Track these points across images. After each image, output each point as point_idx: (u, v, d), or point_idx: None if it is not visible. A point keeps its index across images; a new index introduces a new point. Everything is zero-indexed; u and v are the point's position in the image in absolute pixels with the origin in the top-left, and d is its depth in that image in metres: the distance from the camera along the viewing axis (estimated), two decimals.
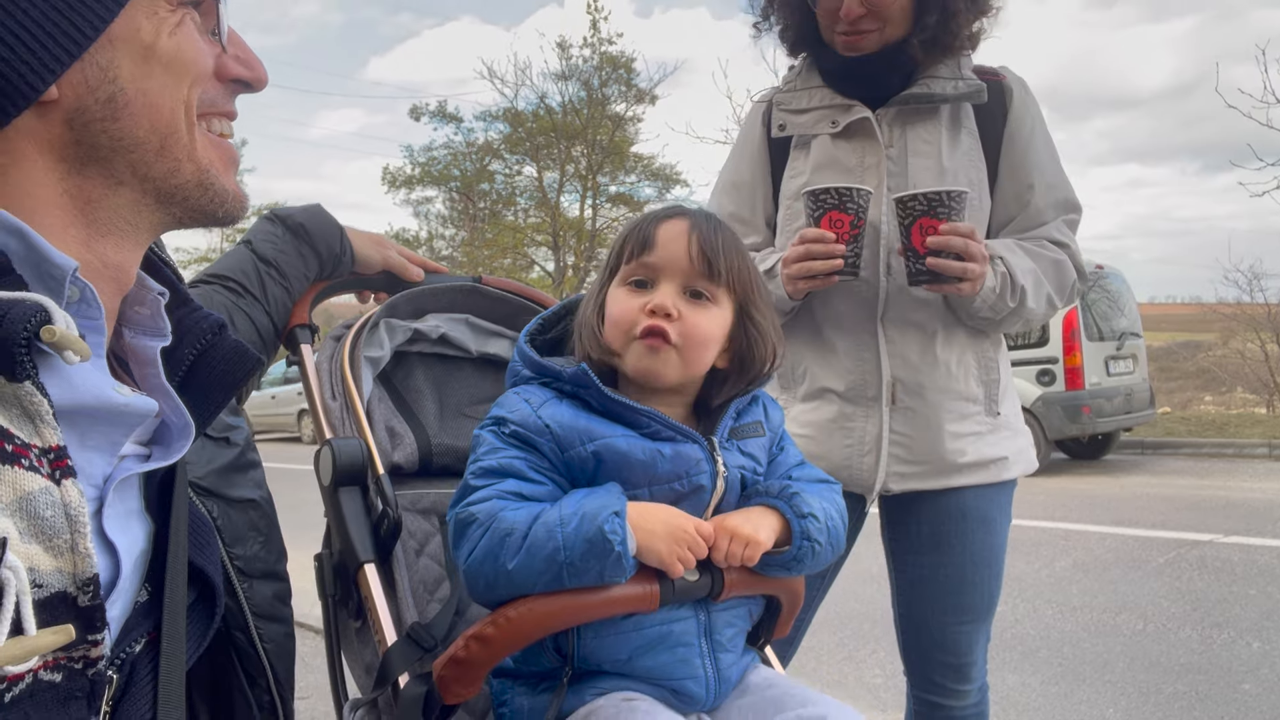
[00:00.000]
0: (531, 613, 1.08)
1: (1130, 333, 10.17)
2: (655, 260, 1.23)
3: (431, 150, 27.55)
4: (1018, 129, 1.93)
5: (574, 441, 1.17)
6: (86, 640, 0.74)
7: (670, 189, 27.20)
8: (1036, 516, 7.29)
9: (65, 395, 0.78)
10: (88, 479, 0.83)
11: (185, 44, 0.86)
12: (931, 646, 2.01)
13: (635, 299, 1.23)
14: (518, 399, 1.22)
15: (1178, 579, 5.36)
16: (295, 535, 1.44)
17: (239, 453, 1.19)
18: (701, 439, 1.21)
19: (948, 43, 1.87)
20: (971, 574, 1.96)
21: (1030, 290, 1.84)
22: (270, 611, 1.14)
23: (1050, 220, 1.94)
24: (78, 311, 0.82)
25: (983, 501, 1.96)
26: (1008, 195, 1.95)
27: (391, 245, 1.77)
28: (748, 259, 1.29)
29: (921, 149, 1.91)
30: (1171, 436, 11.77)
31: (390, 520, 1.32)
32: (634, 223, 1.30)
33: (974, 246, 1.72)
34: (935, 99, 1.89)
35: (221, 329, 1.00)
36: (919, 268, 1.76)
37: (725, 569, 1.18)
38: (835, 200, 1.77)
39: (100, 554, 0.83)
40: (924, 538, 1.99)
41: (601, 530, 1.07)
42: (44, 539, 0.71)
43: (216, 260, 1.61)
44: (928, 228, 1.73)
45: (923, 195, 1.73)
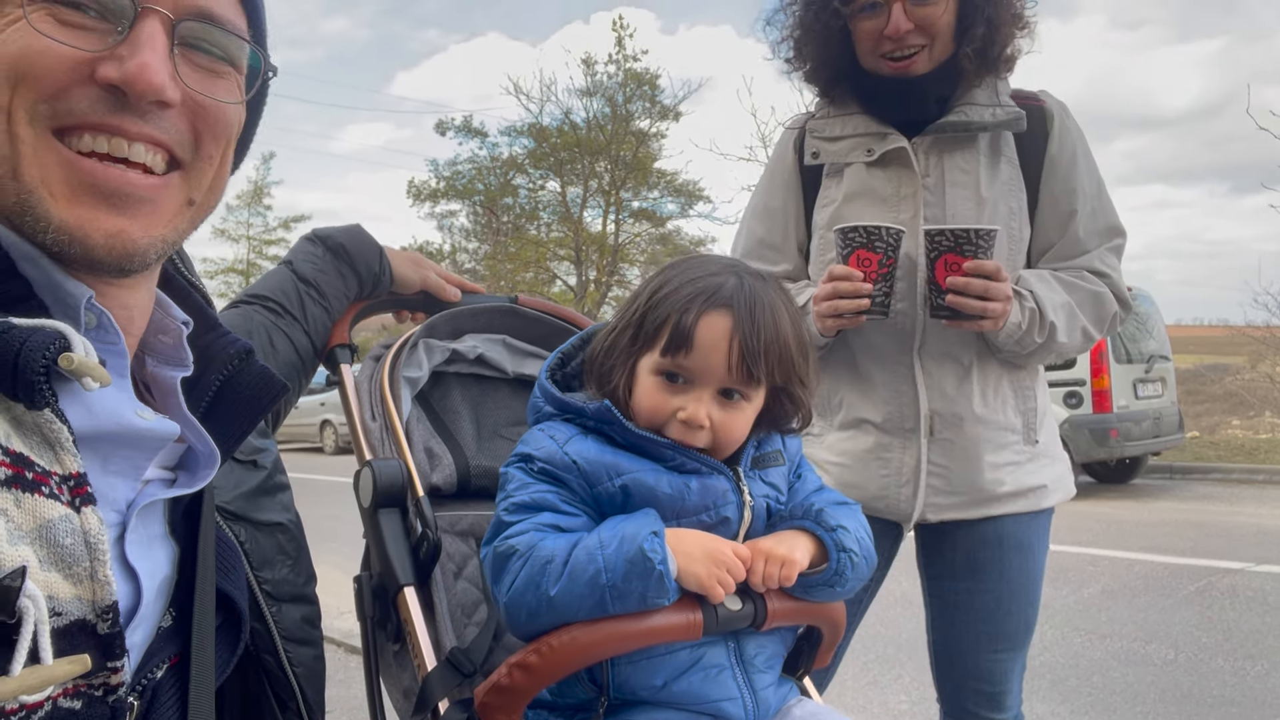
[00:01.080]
0: (575, 641, 1.07)
1: (1159, 355, 10.06)
2: (693, 365, 1.18)
3: (456, 164, 27.80)
4: (1059, 155, 1.91)
5: (601, 477, 1.17)
6: (106, 668, 0.74)
7: (693, 205, 27.26)
8: (1063, 541, 7.19)
9: (85, 422, 0.77)
10: (110, 504, 0.82)
11: (11, 43, 0.77)
12: (966, 674, 1.98)
13: (668, 397, 1.19)
14: (543, 436, 1.21)
15: (1209, 608, 5.27)
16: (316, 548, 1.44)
17: (266, 475, 1.18)
18: (727, 470, 1.21)
19: (995, 55, 1.85)
20: (1008, 601, 1.94)
21: (1063, 325, 1.82)
22: (299, 635, 1.14)
23: (1093, 248, 1.91)
24: (96, 337, 0.81)
25: (1021, 528, 1.94)
26: (1048, 222, 1.92)
27: (430, 265, 1.78)
28: (790, 344, 1.20)
29: (959, 179, 1.88)
30: (1200, 461, 11.61)
31: (430, 543, 1.32)
32: (673, 302, 1.19)
33: (995, 287, 1.70)
34: (973, 127, 1.87)
35: (248, 355, 0.99)
36: (939, 303, 1.77)
37: (766, 595, 1.17)
38: (863, 239, 1.75)
39: (121, 580, 0.82)
40: (960, 564, 1.97)
41: (642, 550, 1.06)
42: (63, 567, 0.70)
43: (257, 280, 1.62)
44: (952, 264, 1.72)
45: (950, 231, 1.72)
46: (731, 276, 1.20)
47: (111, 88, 0.79)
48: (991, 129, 1.88)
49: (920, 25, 1.80)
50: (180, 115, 0.84)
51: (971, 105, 1.88)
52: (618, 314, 1.28)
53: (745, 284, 1.20)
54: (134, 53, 0.79)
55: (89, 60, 0.78)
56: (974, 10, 1.82)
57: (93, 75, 0.78)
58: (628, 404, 1.23)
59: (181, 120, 0.85)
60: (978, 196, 1.87)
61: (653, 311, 1.20)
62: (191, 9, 0.85)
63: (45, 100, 0.77)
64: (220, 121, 0.89)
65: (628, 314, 1.25)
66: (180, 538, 0.94)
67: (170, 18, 0.83)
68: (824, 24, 1.86)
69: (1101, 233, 1.92)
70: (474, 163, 27.67)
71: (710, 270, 1.22)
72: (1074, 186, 1.91)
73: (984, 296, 1.71)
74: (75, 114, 0.78)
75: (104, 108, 0.79)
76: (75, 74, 0.78)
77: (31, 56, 0.76)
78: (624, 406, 1.22)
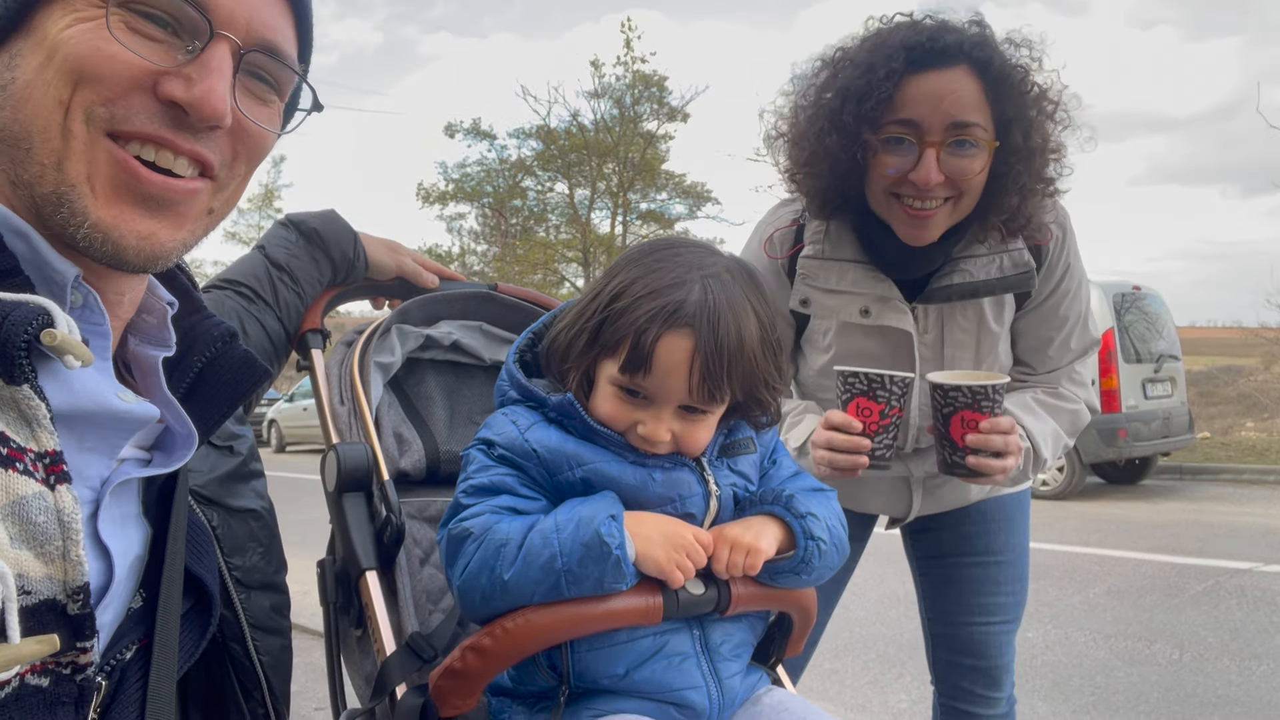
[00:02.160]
0: (529, 624, 1.05)
1: (1168, 355, 9.96)
2: (652, 386, 1.12)
3: (465, 167, 27.84)
4: (1045, 285, 1.79)
5: (562, 466, 1.14)
6: (75, 647, 0.73)
7: (701, 206, 27.23)
8: (1070, 541, 7.13)
9: (64, 400, 0.77)
10: (84, 480, 0.82)
11: (83, 42, 0.78)
12: (961, 651, 1.99)
13: (628, 410, 1.15)
14: (506, 421, 1.19)
15: (1215, 608, 5.20)
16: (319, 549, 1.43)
17: (241, 461, 1.17)
18: (691, 462, 1.18)
19: (1020, 225, 1.69)
20: (997, 572, 1.96)
21: (1050, 453, 1.79)
22: (268, 623, 1.12)
23: (1063, 365, 1.87)
24: (81, 317, 0.81)
25: (1005, 504, 1.98)
26: (1028, 337, 1.86)
27: (406, 251, 1.76)
28: (756, 356, 1.14)
29: (959, 338, 1.79)
30: (1210, 462, 11.49)
31: (393, 527, 1.30)
32: (632, 318, 1.11)
33: (1013, 441, 1.61)
34: (979, 291, 1.72)
35: (232, 338, 0.99)
36: (956, 460, 1.64)
37: (730, 581, 1.14)
38: (864, 386, 1.60)
39: (93, 557, 0.82)
40: (947, 542, 2.00)
41: (598, 533, 1.04)
42: (35, 545, 0.70)
43: (230, 265, 1.61)
44: (970, 421, 1.60)
45: (967, 389, 1.59)
46: (695, 285, 1.12)
47: (171, 104, 0.81)
48: (999, 291, 1.73)
49: (952, 178, 1.58)
50: (225, 136, 0.87)
51: (975, 259, 1.72)
52: (576, 309, 1.21)
53: (709, 295, 1.11)
54: (203, 76, 0.82)
55: (153, 74, 0.80)
56: (1008, 175, 1.62)
57: (154, 87, 0.80)
58: (586, 398, 1.20)
59: (225, 141, 0.87)
60: (975, 356, 1.80)
61: (611, 322, 1.14)
62: (259, 40, 0.88)
63: (105, 104, 0.79)
64: (260, 147, 0.92)
65: (585, 314, 1.18)
66: (153, 519, 0.94)
67: (240, 46, 0.86)
68: (846, 150, 1.63)
69: (1075, 351, 1.87)
70: (482, 165, 27.74)
71: (673, 276, 1.13)
72: (1062, 315, 1.83)
73: (1001, 452, 1.61)
74: (132, 123, 0.80)
75: (159, 121, 0.81)
76: (138, 84, 0.80)
77: (100, 59, 0.78)
78: (583, 399, 1.19)
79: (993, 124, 1.59)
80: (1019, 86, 1.59)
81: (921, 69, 1.57)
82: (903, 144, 1.59)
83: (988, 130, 1.59)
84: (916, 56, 1.57)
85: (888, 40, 1.61)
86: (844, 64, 1.65)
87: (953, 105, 1.55)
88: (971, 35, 1.60)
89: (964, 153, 1.57)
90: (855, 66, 1.62)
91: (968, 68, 1.57)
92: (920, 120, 1.57)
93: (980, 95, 1.58)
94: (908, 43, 1.58)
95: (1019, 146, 1.59)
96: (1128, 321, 9.60)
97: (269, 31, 0.88)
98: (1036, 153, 1.62)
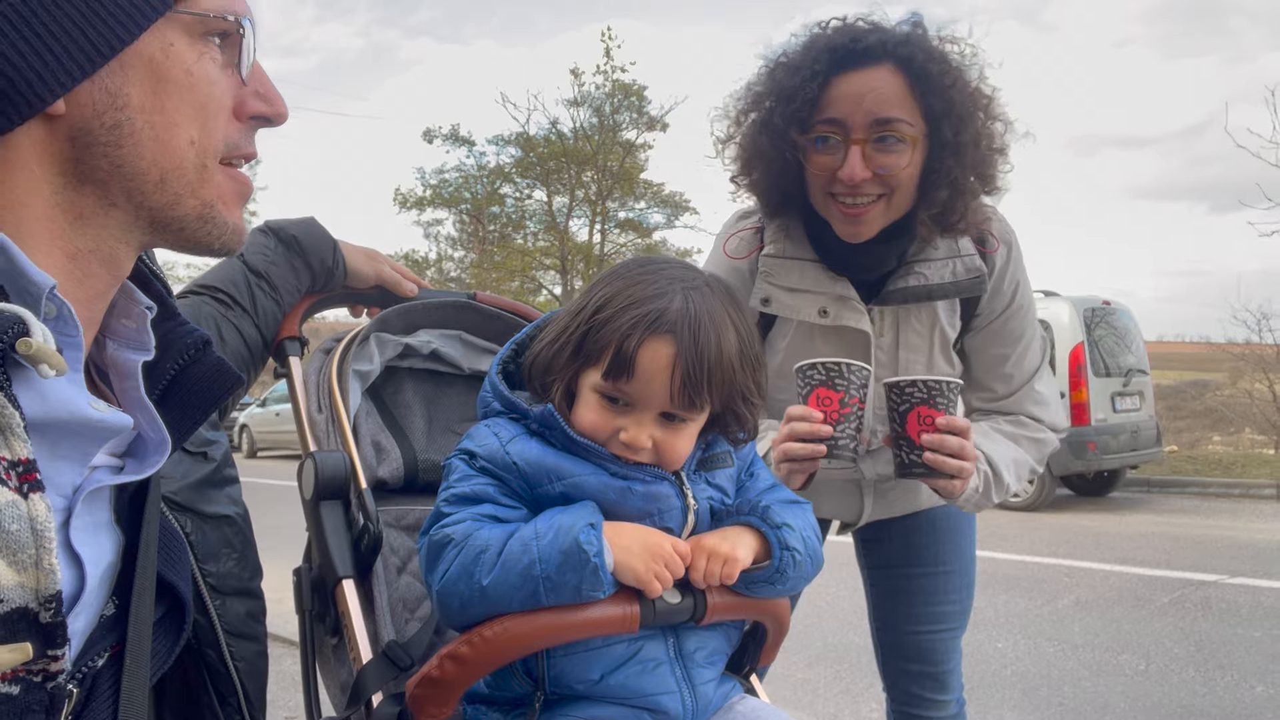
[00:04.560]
0: (507, 632, 1.05)
1: (1137, 370, 10.11)
2: (633, 391, 1.14)
3: (443, 173, 27.77)
4: (995, 302, 1.81)
5: (542, 480, 1.15)
6: (46, 655, 0.73)
7: (679, 216, 27.31)
8: (1039, 553, 7.21)
9: (38, 408, 0.76)
10: (56, 488, 0.81)
11: (200, 80, 0.85)
12: (910, 658, 2.03)
13: (610, 417, 1.17)
14: (487, 432, 1.20)
15: (1181, 619, 5.28)
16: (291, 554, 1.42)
17: (215, 468, 1.17)
18: (670, 475, 1.20)
19: (953, 222, 1.69)
20: (944, 582, 2.00)
21: (1013, 480, 1.77)
22: (243, 629, 1.12)
23: (1024, 384, 1.86)
24: (55, 328, 0.81)
25: (951, 513, 2.01)
26: (981, 355, 1.86)
27: (385, 260, 1.76)
28: (735, 367, 1.17)
29: (913, 341, 1.80)
30: (1178, 475, 11.67)
31: (371, 535, 1.30)
32: (615, 325, 1.14)
33: (969, 446, 1.58)
34: (934, 294, 1.75)
35: (206, 345, 0.99)
36: (913, 459, 1.61)
37: (707, 590, 1.15)
38: (823, 376, 1.59)
39: (65, 565, 0.82)
40: (896, 551, 2.03)
41: (577, 541, 1.05)
42: (8, 553, 0.69)
43: (207, 270, 1.60)
44: (925, 418, 1.58)
45: (923, 383, 1.58)
46: (677, 296, 1.15)
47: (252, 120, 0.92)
48: (952, 295, 1.76)
49: (879, 175, 1.60)
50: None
51: (929, 261, 1.75)
52: (559, 324, 1.23)
53: (690, 305, 1.15)
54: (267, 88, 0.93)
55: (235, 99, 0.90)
56: (939, 170, 1.63)
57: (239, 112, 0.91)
58: (569, 411, 1.21)
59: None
60: (929, 360, 1.81)
61: (594, 332, 1.16)
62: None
63: (223, 141, 0.88)
64: None
65: (570, 328, 1.20)
66: (126, 526, 0.93)
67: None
68: (777, 150, 1.66)
69: (1032, 366, 1.87)
70: (461, 171, 27.68)
71: (656, 288, 1.16)
72: (1011, 333, 1.83)
73: (957, 455, 1.58)
74: (240, 148, 0.91)
75: (248, 138, 0.93)
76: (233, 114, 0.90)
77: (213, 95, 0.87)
78: (565, 412, 1.21)
79: (922, 120, 1.61)
80: (942, 80, 1.59)
81: (845, 69, 1.61)
82: (829, 142, 1.62)
83: (915, 126, 1.60)
84: (840, 58, 1.61)
85: (815, 43, 1.65)
86: (778, 68, 1.69)
87: (874, 102, 1.58)
88: (895, 34, 1.62)
89: (889, 148, 1.59)
90: (786, 69, 1.66)
91: (892, 65, 1.60)
92: (844, 119, 1.60)
93: (905, 91, 1.60)
94: (832, 44, 1.62)
95: (948, 141, 1.61)
96: (1097, 336, 9.75)
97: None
98: (967, 147, 1.62)
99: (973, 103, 1.63)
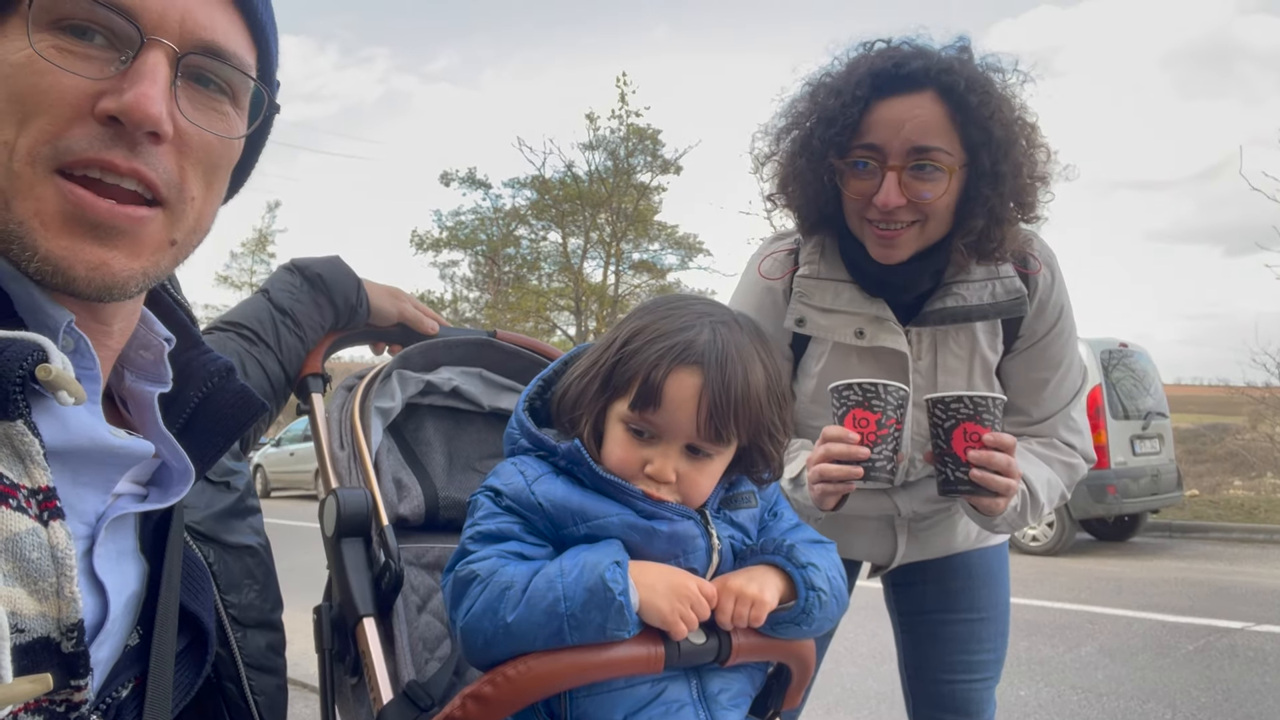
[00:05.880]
0: (531, 671, 1.04)
1: (1156, 412, 10.00)
2: (660, 422, 1.16)
3: (460, 215, 28.05)
4: (1038, 324, 1.78)
5: (567, 521, 1.15)
6: (69, 685, 0.72)
7: (693, 257, 27.45)
8: (1061, 598, 7.09)
9: (58, 436, 0.76)
10: (79, 516, 0.81)
11: (19, 76, 0.77)
12: (944, 707, 1.98)
13: (634, 450, 1.18)
14: (514, 471, 1.20)
15: (1208, 668, 5.17)
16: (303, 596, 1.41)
17: (239, 498, 1.17)
18: (695, 514, 1.19)
19: (990, 250, 1.67)
20: (981, 629, 1.95)
21: (1045, 500, 1.75)
22: (263, 662, 1.11)
23: (1059, 410, 1.84)
24: (73, 362, 0.81)
25: (986, 559, 1.98)
26: (1019, 378, 1.83)
27: (407, 298, 1.78)
28: (761, 401, 1.17)
29: (952, 364, 1.77)
30: (1200, 520, 11.49)
31: (392, 573, 1.29)
32: (643, 357, 1.16)
33: (1015, 464, 1.54)
34: (973, 315, 1.72)
35: (229, 373, 0.99)
36: (958, 476, 1.56)
37: (732, 631, 1.14)
38: (859, 397, 1.56)
39: (89, 594, 0.81)
40: (930, 596, 1.99)
41: (603, 579, 1.04)
42: (29, 582, 0.69)
43: (233, 307, 1.62)
44: (972, 434, 1.54)
45: (969, 399, 1.55)
46: (705, 329, 1.17)
47: (110, 120, 0.78)
48: (992, 317, 1.73)
49: (914, 202, 1.59)
50: (169, 152, 0.83)
51: (968, 283, 1.72)
52: (588, 359, 1.24)
53: (718, 338, 1.16)
54: (133, 84, 0.78)
55: (91, 94, 0.78)
56: (976, 199, 1.62)
57: (93, 109, 0.78)
58: (597, 448, 1.21)
59: (170, 157, 0.83)
60: (969, 383, 1.79)
61: (623, 364, 1.18)
62: (198, 43, 0.84)
63: (49, 141, 0.77)
64: (209, 159, 0.88)
65: (599, 362, 1.21)
66: (150, 555, 0.93)
67: (175, 50, 0.82)
68: (815, 172, 1.67)
69: (1069, 393, 1.85)
70: (477, 213, 27.97)
71: (684, 321, 1.18)
72: (1052, 357, 1.80)
73: (1005, 472, 1.53)
74: (74, 152, 0.78)
75: (100, 143, 0.78)
76: (77, 109, 0.78)
77: (38, 94, 0.76)
78: (593, 449, 1.21)
79: (961, 148, 1.60)
80: (981, 111, 1.57)
81: (886, 95, 1.60)
82: (866, 167, 1.61)
83: (953, 155, 1.59)
84: (881, 83, 1.60)
85: (858, 66, 1.64)
86: (821, 89, 1.69)
87: (913, 130, 1.57)
88: (939, 60, 1.60)
89: (925, 176, 1.58)
90: (828, 91, 1.66)
91: (934, 92, 1.58)
92: (882, 145, 1.59)
93: (945, 120, 1.58)
94: (874, 69, 1.61)
95: (987, 170, 1.59)
96: (1115, 378, 9.66)
97: (206, 32, 0.84)
98: (1006, 177, 1.60)
99: (1013, 132, 1.61)
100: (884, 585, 2.10)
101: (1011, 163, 1.60)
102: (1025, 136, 1.63)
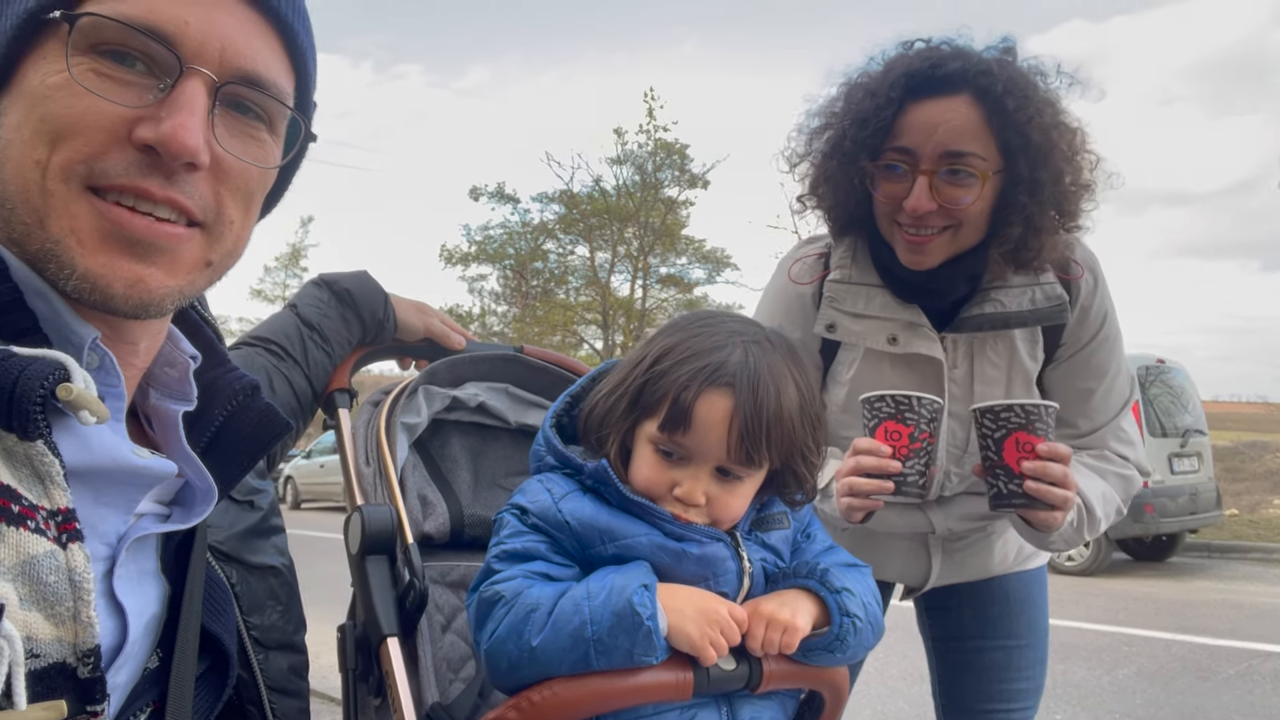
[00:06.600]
0: (556, 696, 1.02)
1: (1194, 430, 9.80)
2: (690, 444, 1.13)
3: (488, 229, 28.26)
4: (1081, 331, 1.71)
5: (595, 540, 1.13)
6: (85, 711, 0.71)
7: (720, 271, 27.43)
8: (1097, 620, 6.95)
9: (80, 456, 0.76)
10: (100, 536, 0.80)
11: (56, 98, 0.77)
12: None
13: (663, 472, 1.15)
14: (540, 488, 1.18)
15: (1250, 692, 5.03)
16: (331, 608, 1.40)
17: (262, 517, 1.16)
18: (725, 536, 1.16)
19: (1027, 259, 1.60)
20: (1019, 657, 1.90)
21: (1101, 515, 1.67)
22: (285, 685, 1.10)
23: (1109, 421, 1.76)
24: (97, 378, 0.80)
25: (1024, 584, 1.92)
26: (1065, 389, 1.75)
27: (434, 313, 1.77)
28: (794, 423, 1.14)
29: (989, 373, 1.71)
30: (1240, 540, 11.24)
31: (416, 592, 1.27)
32: (673, 377, 1.13)
33: (1072, 475, 1.47)
34: (1011, 322, 1.65)
35: (254, 391, 0.98)
36: (1012, 488, 1.49)
37: (764, 657, 1.11)
38: (891, 409, 1.52)
39: (108, 615, 0.80)
40: (966, 623, 1.93)
41: (630, 602, 1.02)
42: (45, 605, 0.68)
43: (261, 322, 1.62)
44: (1025, 444, 1.47)
45: (1020, 407, 1.48)
46: (737, 349, 1.14)
47: (146, 148, 0.79)
48: (1031, 324, 1.66)
49: (945, 207, 1.54)
50: (206, 179, 0.84)
51: (1006, 289, 1.65)
52: (616, 376, 1.22)
53: (750, 358, 1.14)
54: (171, 114, 0.78)
55: (128, 120, 0.78)
56: (1013, 206, 1.56)
57: (130, 135, 0.78)
58: (625, 467, 1.19)
59: (206, 184, 0.84)
60: (1007, 393, 1.72)
61: (652, 384, 1.15)
62: (236, 72, 0.84)
63: (83, 161, 0.77)
64: (245, 186, 0.88)
65: (627, 380, 1.19)
66: (172, 576, 0.92)
67: (214, 79, 0.82)
68: (846, 174, 1.63)
69: (1114, 406, 1.78)
70: (505, 228, 28.16)
71: (715, 340, 1.15)
72: (1098, 366, 1.73)
73: (1062, 483, 1.46)
74: (109, 176, 0.78)
75: (136, 171, 0.79)
76: (114, 135, 0.78)
77: (73, 117, 0.77)
78: (620, 469, 1.18)
79: (998, 154, 1.55)
80: (1019, 115, 1.51)
81: (921, 97, 1.55)
82: (898, 170, 1.57)
83: (988, 160, 1.54)
84: (916, 84, 1.56)
85: (894, 66, 1.60)
86: (856, 89, 1.65)
87: (947, 134, 1.52)
88: (977, 62, 1.54)
89: (958, 181, 1.53)
90: (863, 91, 1.62)
91: (970, 95, 1.53)
92: (915, 148, 1.55)
93: (981, 124, 1.53)
94: (910, 69, 1.56)
95: (1024, 177, 1.53)
96: (1152, 395, 9.49)
97: (246, 61, 0.84)
98: (1044, 184, 1.54)
99: (1053, 137, 1.55)
100: (917, 609, 2.04)
101: (1051, 169, 1.54)
102: (1067, 142, 1.57)
